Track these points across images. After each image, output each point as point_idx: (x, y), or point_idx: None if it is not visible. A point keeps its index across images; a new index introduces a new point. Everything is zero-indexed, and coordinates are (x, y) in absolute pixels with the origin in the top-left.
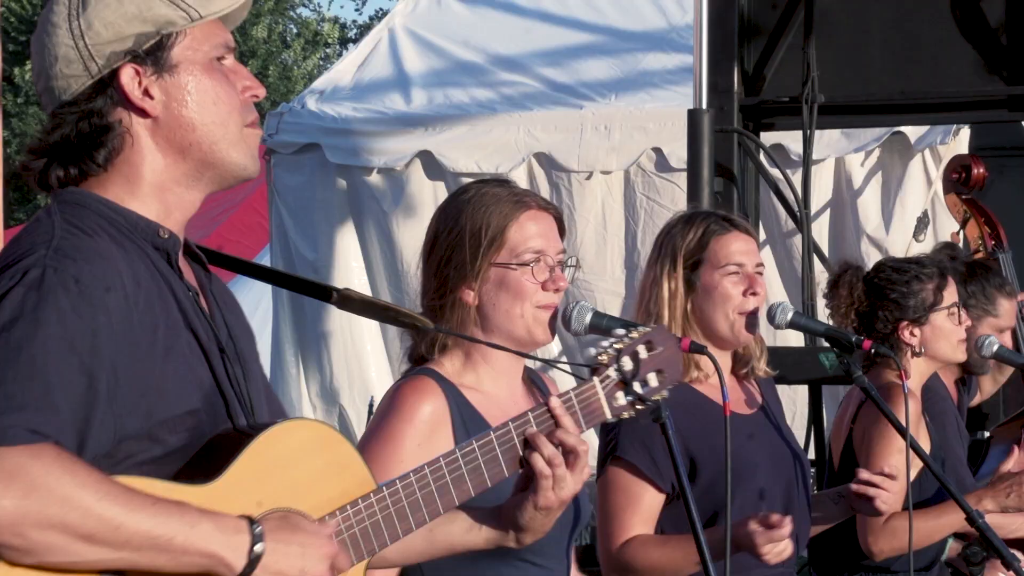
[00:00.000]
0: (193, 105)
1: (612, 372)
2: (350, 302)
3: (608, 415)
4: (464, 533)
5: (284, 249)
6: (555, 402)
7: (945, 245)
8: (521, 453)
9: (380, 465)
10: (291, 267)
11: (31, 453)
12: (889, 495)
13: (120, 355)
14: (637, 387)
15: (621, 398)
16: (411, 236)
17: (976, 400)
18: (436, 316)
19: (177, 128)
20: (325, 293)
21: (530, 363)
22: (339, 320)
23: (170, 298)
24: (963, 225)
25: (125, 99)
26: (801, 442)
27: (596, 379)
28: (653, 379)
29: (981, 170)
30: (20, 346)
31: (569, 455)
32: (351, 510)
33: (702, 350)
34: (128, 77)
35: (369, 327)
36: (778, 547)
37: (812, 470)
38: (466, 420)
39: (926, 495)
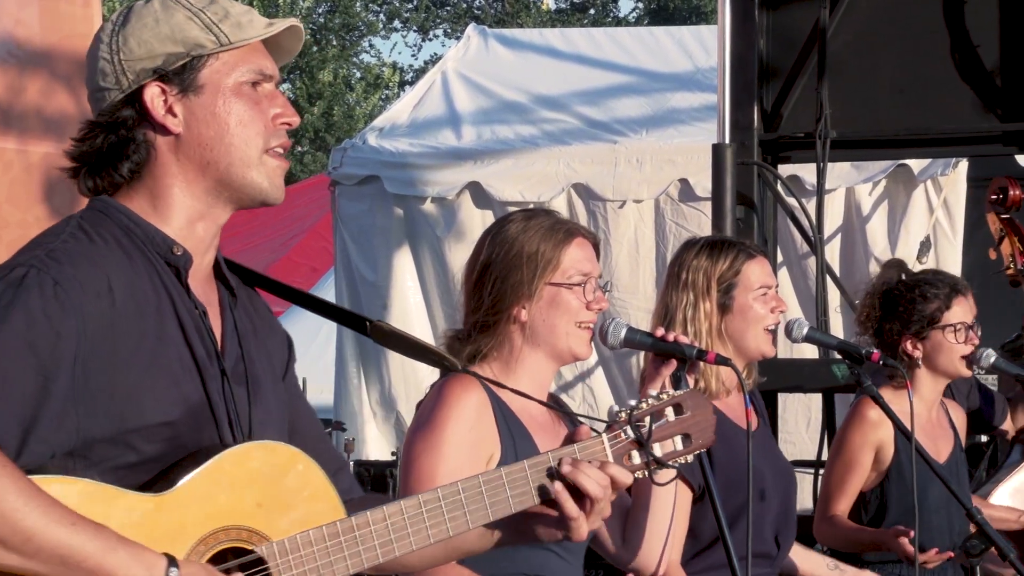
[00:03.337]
0: (213, 125)
1: (627, 431)
2: (382, 334)
3: None
4: (478, 539)
5: (347, 270)
6: (565, 459)
7: None
8: (538, 500)
9: (432, 452)
10: (353, 287)
11: None
12: None
13: (92, 358)
14: (656, 449)
15: (636, 457)
16: (462, 259)
17: (1006, 425)
18: (485, 331)
19: (196, 146)
20: (360, 324)
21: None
22: None
23: (169, 312)
24: (999, 242)
25: (148, 115)
26: (815, 445)
27: (605, 436)
28: (677, 442)
29: (1017, 192)
30: None
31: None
32: (312, 536)
33: (727, 362)
34: (152, 94)
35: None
36: None
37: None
38: (506, 417)
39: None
